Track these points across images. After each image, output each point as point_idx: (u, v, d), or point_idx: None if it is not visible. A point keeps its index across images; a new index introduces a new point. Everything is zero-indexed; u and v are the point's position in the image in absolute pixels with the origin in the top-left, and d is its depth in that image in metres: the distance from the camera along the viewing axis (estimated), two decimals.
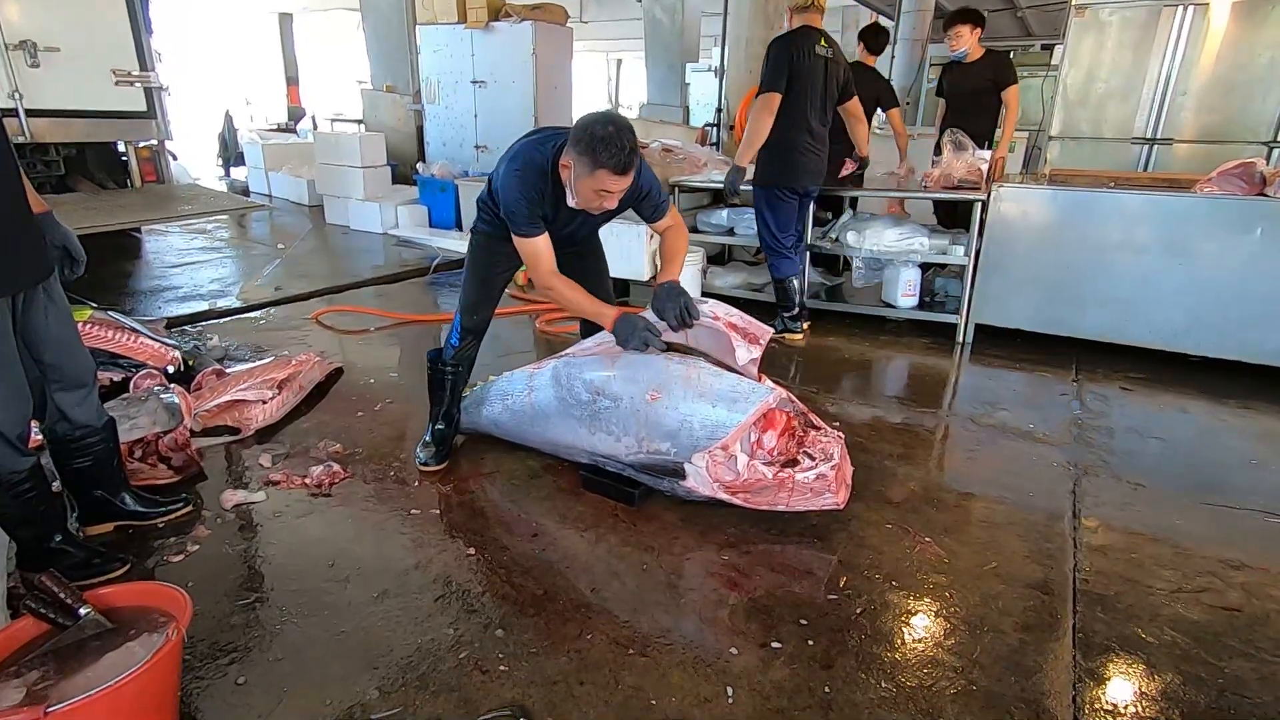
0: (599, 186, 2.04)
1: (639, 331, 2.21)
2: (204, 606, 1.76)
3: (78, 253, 1.89)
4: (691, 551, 2.07)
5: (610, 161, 1.97)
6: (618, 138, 1.97)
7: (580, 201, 2.11)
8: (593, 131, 1.97)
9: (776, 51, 3.49)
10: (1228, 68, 4.58)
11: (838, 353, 3.86)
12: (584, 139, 1.99)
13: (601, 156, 1.97)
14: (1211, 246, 3.34)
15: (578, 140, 2.00)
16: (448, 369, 2.54)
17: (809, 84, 3.50)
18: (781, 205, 3.80)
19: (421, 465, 2.50)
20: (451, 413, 2.60)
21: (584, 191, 2.07)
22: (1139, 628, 1.78)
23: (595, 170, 2.00)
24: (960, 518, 2.28)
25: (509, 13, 6.77)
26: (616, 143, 1.96)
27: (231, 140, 10.14)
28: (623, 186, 2.07)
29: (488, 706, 1.50)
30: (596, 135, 1.97)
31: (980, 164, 3.89)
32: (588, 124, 2.00)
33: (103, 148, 5.34)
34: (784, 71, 3.44)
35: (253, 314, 4.30)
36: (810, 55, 3.47)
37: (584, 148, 1.99)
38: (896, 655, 1.68)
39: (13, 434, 1.72)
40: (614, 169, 1.99)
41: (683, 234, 2.44)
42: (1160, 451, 2.77)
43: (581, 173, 2.03)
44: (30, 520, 1.80)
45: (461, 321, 2.49)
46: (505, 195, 2.16)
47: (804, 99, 3.53)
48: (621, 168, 2.00)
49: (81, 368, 1.93)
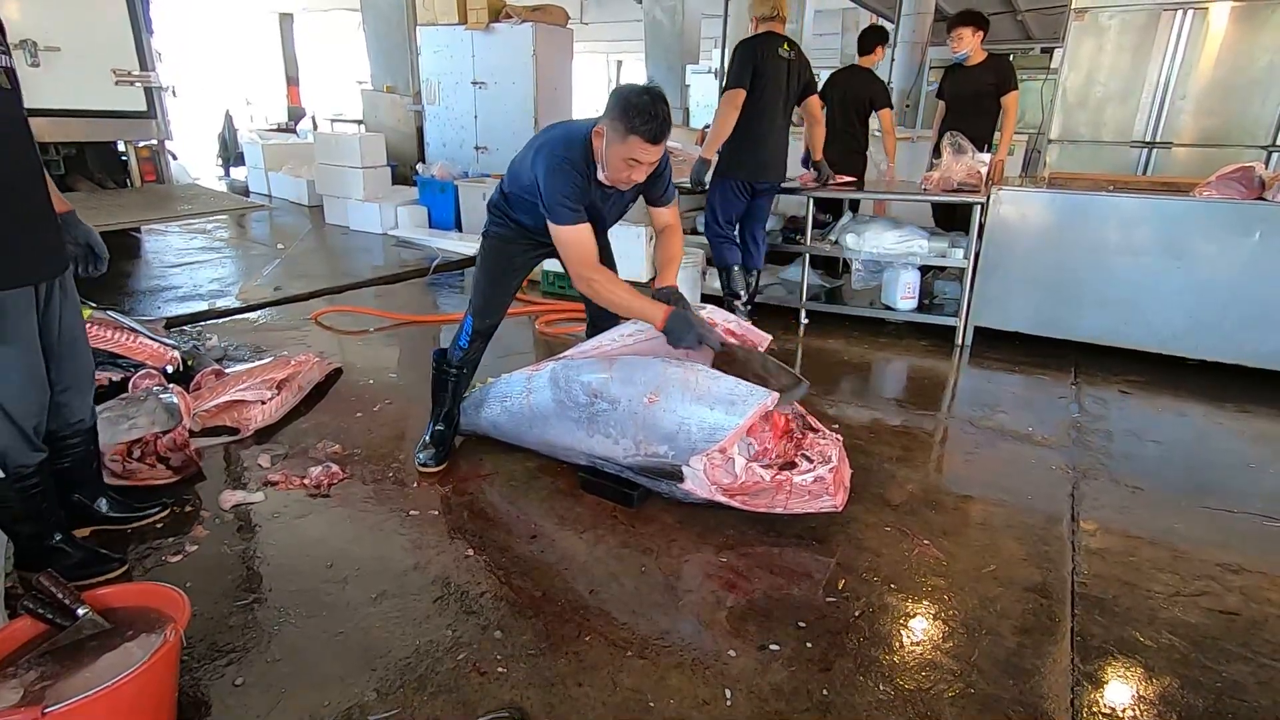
0: (630, 155, 2.05)
1: (694, 329, 2.18)
2: (202, 607, 1.76)
3: (101, 250, 1.93)
4: (690, 553, 2.07)
5: (644, 129, 1.99)
6: (653, 106, 1.99)
7: (610, 173, 2.12)
8: (629, 100, 2.00)
9: (742, 53, 3.64)
10: (1227, 71, 4.59)
11: (837, 355, 3.87)
12: (621, 105, 2.00)
13: (636, 122, 1.98)
14: (1210, 250, 3.35)
15: (613, 108, 2.03)
16: (452, 371, 2.55)
17: (771, 84, 3.66)
18: (733, 197, 3.90)
19: (421, 466, 2.51)
20: (452, 414, 2.60)
21: (614, 161, 2.08)
22: (1137, 631, 1.78)
23: (629, 137, 2.01)
24: (959, 520, 2.28)
25: (509, 14, 6.78)
26: (651, 111, 1.98)
27: (231, 140, 10.14)
28: (653, 158, 2.08)
29: (486, 708, 1.50)
30: (633, 103, 1.99)
31: (980, 167, 3.90)
32: (625, 93, 2.03)
33: (103, 147, 5.34)
34: (748, 71, 3.59)
35: (252, 314, 4.30)
36: (774, 57, 3.64)
37: (619, 114, 2.00)
38: (895, 658, 1.68)
39: (28, 425, 1.73)
40: (646, 137, 2.01)
41: (680, 237, 2.45)
42: (1159, 455, 2.78)
43: (614, 139, 2.04)
44: (32, 516, 1.80)
45: (472, 325, 2.49)
46: (549, 183, 2.12)
47: (766, 98, 3.67)
48: (654, 136, 2.01)
49: (85, 366, 1.95)
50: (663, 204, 2.42)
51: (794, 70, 3.72)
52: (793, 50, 3.72)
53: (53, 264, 1.76)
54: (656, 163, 2.14)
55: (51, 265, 1.75)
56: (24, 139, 1.68)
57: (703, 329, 2.20)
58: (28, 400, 1.71)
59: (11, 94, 1.64)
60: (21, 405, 1.69)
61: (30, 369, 1.70)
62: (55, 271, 1.77)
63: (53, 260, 1.76)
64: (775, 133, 3.80)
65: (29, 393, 1.71)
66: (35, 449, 1.76)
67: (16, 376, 1.67)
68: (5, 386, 1.66)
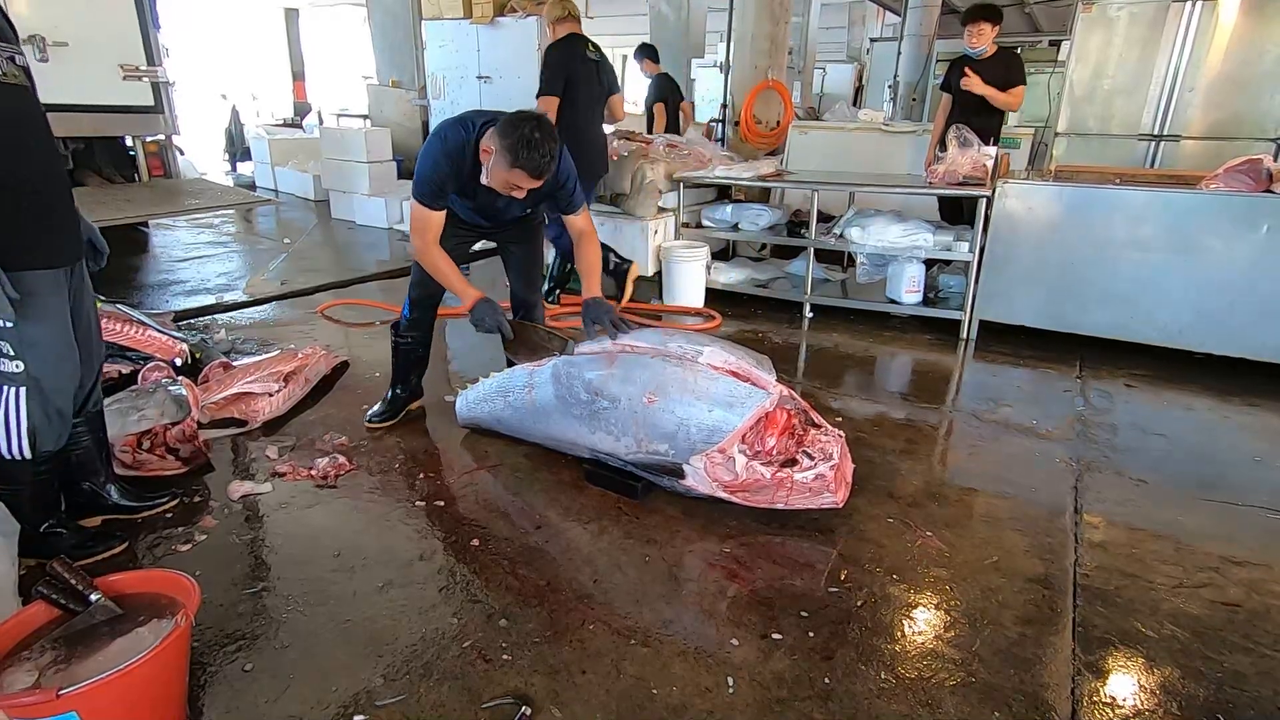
0: (513, 181, 2.22)
1: (495, 316, 2.44)
2: (212, 595, 1.79)
3: (101, 245, 1.98)
4: (693, 544, 2.08)
5: (528, 165, 2.14)
6: (541, 145, 2.13)
7: (492, 183, 2.28)
8: (521, 132, 2.12)
9: (554, 59, 3.84)
10: (1235, 64, 4.56)
11: (841, 349, 3.87)
12: (513, 136, 2.13)
13: (522, 157, 2.13)
14: (1217, 243, 3.33)
15: (505, 135, 2.15)
16: (404, 339, 2.77)
17: (584, 87, 3.91)
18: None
19: (366, 421, 2.76)
20: (409, 379, 2.84)
21: (498, 178, 2.25)
22: (1139, 622, 1.79)
23: (513, 168, 2.16)
24: (962, 512, 2.29)
25: (514, 8, 6.77)
26: (539, 150, 2.13)
27: (238, 135, 10.16)
28: (533, 186, 2.24)
29: (491, 695, 1.52)
30: (523, 137, 2.12)
31: (986, 160, 3.88)
32: (518, 122, 2.15)
33: (111, 142, 5.36)
34: (561, 78, 3.83)
35: (259, 308, 4.32)
36: (583, 60, 3.91)
37: (509, 144, 2.14)
38: (896, 647, 1.69)
39: (61, 403, 1.78)
40: (530, 172, 2.16)
41: (596, 244, 2.64)
42: (1163, 448, 2.77)
43: (500, 164, 2.19)
44: (40, 503, 1.84)
45: (410, 295, 2.70)
46: (421, 164, 2.33)
47: (582, 100, 3.92)
48: (537, 173, 2.17)
49: (97, 352, 1.99)
50: (571, 211, 2.57)
51: (601, 70, 4.00)
52: (597, 51, 3.99)
53: (76, 249, 1.84)
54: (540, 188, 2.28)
55: (75, 250, 1.84)
56: (48, 132, 1.77)
57: (500, 319, 2.44)
58: (62, 376, 1.76)
59: (31, 91, 1.73)
60: (55, 381, 1.74)
61: (64, 348, 1.77)
62: (79, 256, 1.86)
63: (79, 245, 1.85)
64: (595, 132, 4.12)
65: (64, 369, 1.77)
66: (61, 431, 1.81)
67: (51, 354, 1.73)
68: (40, 363, 1.70)
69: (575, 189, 2.52)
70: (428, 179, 2.32)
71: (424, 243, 2.42)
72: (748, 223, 4.59)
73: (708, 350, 2.29)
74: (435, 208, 2.36)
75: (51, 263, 1.73)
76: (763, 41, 6.89)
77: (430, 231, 2.40)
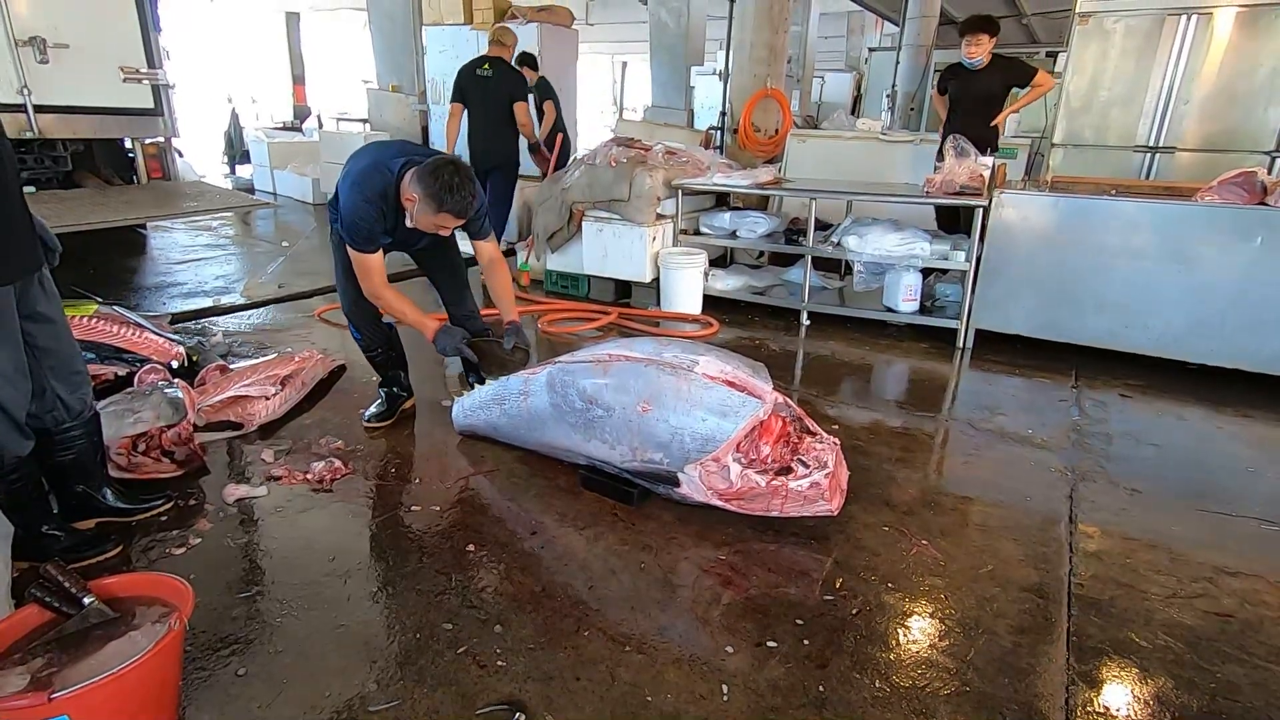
0: (440, 223, 2.37)
1: (455, 341, 2.57)
2: (206, 598, 1.78)
3: (52, 242, 1.95)
4: (689, 551, 2.08)
5: (454, 208, 2.31)
6: (463, 188, 2.28)
7: (419, 225, 2.41)
8: (441, 180, 2.26)
9: (457, 77, 5.13)
10: (1230, 77, 4.59)
11: (838, 356, 3.88)
12: (434, 185, 2.27)
13: (447, 202, 2.28)
14: (1211, 254, 3.35)
15: (427, 184, 2.28)
16: (369, 353, 2.86)
17: (474, 97, 5.06)
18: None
19: (365, 422, 2.81)
20: (398, 377, 2.92)
21: (425, 222, 2.38)
22: (1133, 632, 1.79)
23: (439, 212, 2.31)
24: (957, 521, 2.29)
25: (515, 14, 6.80)
26: (461, 192, 2.28)
27: (237, 138, 10.17)
28: (460, 223, 2.43)
29: (485, 701, 1.52)
30: (445, 182, 2.26)
31: (983, 170, 3.90)
32: (436, 170, 2.28)
33: (110, 144, 5.37)
34: (456, 90, 5.11)
35: (256, 311, 4.32)
36: (473, 77, 5.05)
37: (431, 193, 2.28)
38: (891, 656, 1.69)
39: (19, 414, 1.77)
40: (456, 214, 2.33)
41: (505, 269, 2.79)
42: (1158, 458, 2.78)
43: (426, 210, 2.32)
44: (19, 507, 1.83)
45: (349, 320, 2.80)
46: (348, 216, 2.42)
47: (472, 108, 5.09)
48: (462, 212, 2.34)
49: (73, 353, 1.97)
50: (480, 237, 2.70)
51: (494, 84, 5.03)
52: (493, 69, 5.03)
53: (30, 262, 1.80)
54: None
55: (29, 264, 1.79)
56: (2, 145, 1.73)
57: (460, 345, 2.58)
58: (17, 391, 1.76)
59: None
60: (11, 396, 1.74)
61: (16, 362, 1.75)
62: (31, 269, 1.80)
63: (31, 258, 1.80)
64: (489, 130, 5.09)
65: (18, 383, 1.76)
66: (26, 438, 1.81)
67: (6, 369, 1.71)
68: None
69: (485, 218, 2.66)
70: (358, 227, 2.40)
71: (373, 285, 2.50)
72: (746, 230, 4.61)
73: (703, 360, 2.29)
74: (372, 251, 2.45)
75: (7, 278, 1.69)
76: (762, 50, 6.91)
77: (375, 274, 2.49)
